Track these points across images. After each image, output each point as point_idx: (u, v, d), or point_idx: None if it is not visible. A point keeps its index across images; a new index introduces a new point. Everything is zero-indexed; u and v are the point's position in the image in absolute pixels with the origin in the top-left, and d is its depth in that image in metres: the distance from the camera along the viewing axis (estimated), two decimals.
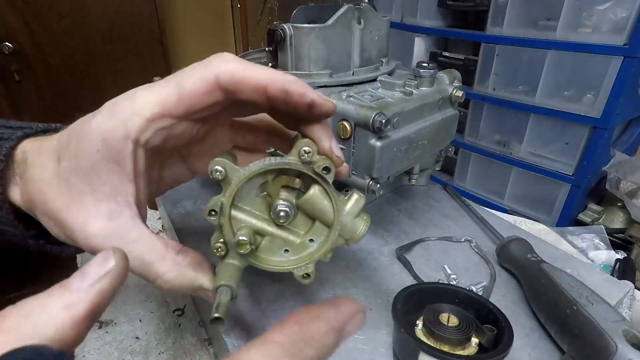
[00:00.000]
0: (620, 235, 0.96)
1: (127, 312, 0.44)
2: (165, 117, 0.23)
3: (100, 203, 0.23)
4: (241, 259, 0.26)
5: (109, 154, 0.22)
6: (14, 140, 0.25)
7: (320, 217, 0.27)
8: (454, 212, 0.55)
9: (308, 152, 0.24)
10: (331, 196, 0.26)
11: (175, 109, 0.23)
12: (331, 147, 0.25)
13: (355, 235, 0.27)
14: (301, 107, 0.24)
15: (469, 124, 1.28)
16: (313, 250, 0.27)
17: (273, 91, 0.23)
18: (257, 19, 1.83)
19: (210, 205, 0.25)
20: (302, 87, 0.23)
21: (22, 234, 0.26)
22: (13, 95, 1.34)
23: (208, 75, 0.23)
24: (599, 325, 0.30)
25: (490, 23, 1.12)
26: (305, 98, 0.23)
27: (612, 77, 0.92)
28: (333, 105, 0.25)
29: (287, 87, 0.23)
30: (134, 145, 0.23)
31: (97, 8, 1.40)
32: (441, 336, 0.29)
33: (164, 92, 0.23)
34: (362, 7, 0.46)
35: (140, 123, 0.23)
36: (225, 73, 0.23)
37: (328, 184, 0.25)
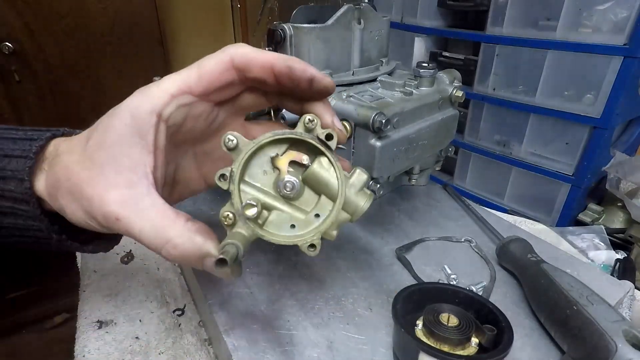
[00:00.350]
0: (620, 235, 0.96)
1: (127, 312, 0.44)
2: (186, 94, 0.26)
3: (120, 174, 0.25)
4: (248, 229, 0.26)
5: (135, 127, 0.25)
6: (43, 140, 0.27)
7: (325, 189, 0.28)
8: (454, 212, 0.55)
9: (312, 121, 0.26)
10: (334, 164, 0.27)
11: (195, 87, 0.26)
12: (333, 121, 0.28)
13: (358, 209, 0.28)
14: (303, 82, 0.26)
15: (469, 124, 1.28)
16: (319, 224, 0.28)
17: (279, 68, 0.26)
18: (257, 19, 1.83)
19: (222, 170, 0.26)
20: (303, 64, 0.26)
21: (47, 228, 0.27)
22: (13, 95, 1.34)
23: (224, 57, 0.26)
24: (599, 325, 0.30)
25: (490, 23, 1.12)
26: (307, 73, 0.26)
27: (612, 77, 0.92)
28: (332, 82, 0.28)
29: (291, 64, 0.26)
30: (157, 118, 0.25)
31: (97, 8, 1.40)
32: (441, 336, 0.29)
33: (186, 73, 0.26)
34: (362, 7, 0.46)
35: (165, 98, 0.25)
36: (238, 54, 0.26)
37: (331, 151, 0.27)
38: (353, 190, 0.27)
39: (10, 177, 0.26)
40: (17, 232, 0.28)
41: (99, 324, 0.42)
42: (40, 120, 1.41)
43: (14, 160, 0.26)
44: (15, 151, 0.27)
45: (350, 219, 0.28)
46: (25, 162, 0.26)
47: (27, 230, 0.28)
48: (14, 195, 0.26)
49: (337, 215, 0.27)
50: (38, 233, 0.28)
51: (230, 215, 0.26)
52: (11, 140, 0.27)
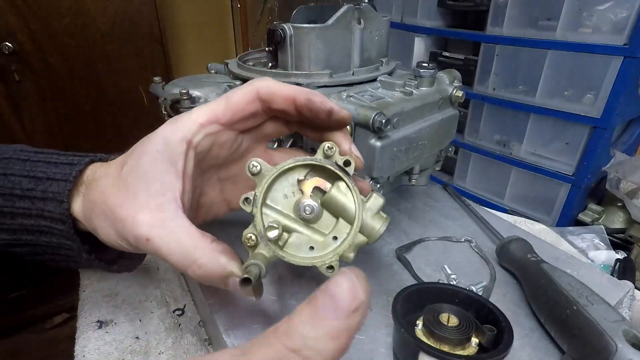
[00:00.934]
0: (620, 235, 0.96)
1: (127, 312, 0.44)
2: (214, 123, 0.28)
3: (151, 197, 0.26)
4: (269, 250, 0.28)
5: (167, 153, 0.27)
6: (82, 165, 0.29)
7: (343, 213, 0.29)
8: (454, 212, 0.55)
9: (330, 148, 0.28)
10: (352, 189, 0.28)
11: (222, 116, 0.28)
12: (350, 148, 0.30)
13: (375, 232, 0.29)
14: (322, 113, 0.29)
15: (469, 124, 1.28)
16: (336, 246, 0.29)
17: (300, 100, 0.28)
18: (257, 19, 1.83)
19: (246, 194, 0.28)
20: (322, 97, 0.29)
21: (78, 247, 0.29)
22: (13, 95, 1.34)
23: (251, 89, 0.28)
24: (599, 325, 0.30)
25: (490, 23, 1.12)
26: (325, 106, 0.28)
27: (612, 77, 0.92)
28: (349, 114, 0.30)
29: (311, 97, 0.28)
30: (187, 145, 0.27)
31: (97, 8, 1.40)
32: (441, 336, 0.29)
33: (215, 104, 0.29)
34: (362, 7, 0.46)
35: (194, 127, 0.28)
36: (263, 87, 0.28)
37: (349, 176, 0.28)
38: (369, 214, 0.29)
39: (51, 198, 0.28)
40: (49, 250, 0.30)
41: (99, 324, 0.42)
42: (40, 120, 1.41)
43: (55, 183, 0.29)
44: (56, 174, 0.29)
45: (367, 241, 0.29)
46: (65, 185, 0.28)
47: (59, 249, 0.30)
48: (52, 215, 0.28)
49: (354, 238, 0.28)
50: (69, 252, 0.30)
51: (252, 237, 0.27)
52: (53, 164, 0.30)
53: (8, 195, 0.29)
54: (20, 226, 0.29)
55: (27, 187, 0.29)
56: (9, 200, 0.29)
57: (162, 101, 0.48)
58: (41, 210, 0.28)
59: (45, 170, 0.29)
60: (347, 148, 0.30)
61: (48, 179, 0.29)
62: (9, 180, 0.29)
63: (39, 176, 0.29)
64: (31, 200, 0.28)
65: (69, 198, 0.28)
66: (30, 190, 0.28)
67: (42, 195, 0.28)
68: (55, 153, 0.31)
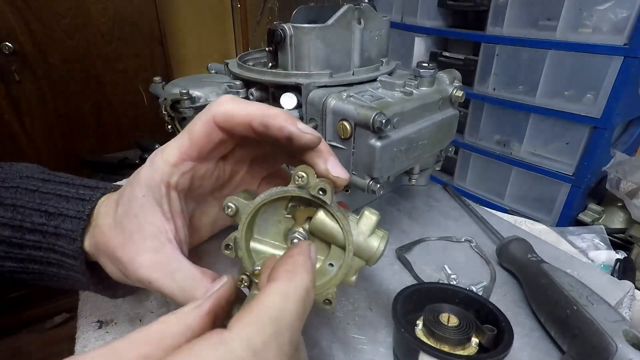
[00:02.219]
0: (620, 235, 0.96)
1: (127, 312, 0.44)
2: (185, 161, 0.27)
3: (146, 240, 0.26)
4: None
5: (151, 197, 0.26)
6: (94, 202, 0.29)
7: (332, 239, 0.27)
8: (454, 212, 0.55)
9: (301, 177, 0.25)
10: (336, 216, 0.26)
11: (190, 152, 0.27)
12: (327, 168, 0.27)
13: (374, 254, 0.26)
14: (281, 139, 0.26)
15: (469, 124, 1.28)
16: (333, 274, 0.27)
17: (255, 126, 0.25)
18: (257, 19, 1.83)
19: (226, 240, 0.27)
20: (281, 121, 0.25)
21: (87, 280, 0.30)
22: (13, 95, 1.34)
23: (208, 117, 0.26)
24: (599, 325, 0.30)
25: (490, 23, 1.12)
26: (284, 131, 0.25)
27: (613, 77, 0.92)
28: (313, 137, 0.26)
29: (266, 121, 0.25)
30: (166, 188, 0.27)
31: (97, 8, 1.41)
32: (441, 336, 0.29)
33: (181, 139, 0.27)
34: (362, 7, 0.46)
35: (167, 169, 0.27)
36: (219, 113, 0.26)
37: (327, 204, 0.26)
38: (362, 237, 0.26)
39: (63, 234, 0.28)
40: (56, 279, 0.30)
41: (99, 323, 0.42)
42: (40, 120, 1.41)
43: (68, 219, 0.28)
44: (69, 211, 0.29)
45: (367, 263, 0.27)
46: (79, 223, 0.28)
47: (67, 279, 0.30)
48: (64, 251, 0.28)
49: (350, 264, 0.26)
50: (77, 282, 0.30)
51: (245, 279, 0.27)
52: (64, 198, 0.29)
53: (17, 227, 0.29)
54: (28, 256, 0.29)
55: (39, 222, 0.28)
56: (18, 232, 0.29)
57: (162, 101, 0.48)
58: (53, 244, 0.28)
59: (57, 206, 0.29)
60: (323, 168, 0.27)
61: (60, 215, 0.29)
62: (18, 212, 0.29)
63: (50, 211, 0.29)
64: (42, 234, 0.28)
65: (82, 236, 0.28)
66: (42, 225, 0.28)
67: (55, 231, 0.28)
68: (64, 182, 0.31)
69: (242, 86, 0.50)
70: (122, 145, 1.38)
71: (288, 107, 0.45)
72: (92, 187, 0.31)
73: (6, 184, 0.30)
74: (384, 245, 0.27)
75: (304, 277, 0.20)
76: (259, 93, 0.49)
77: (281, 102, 0.45)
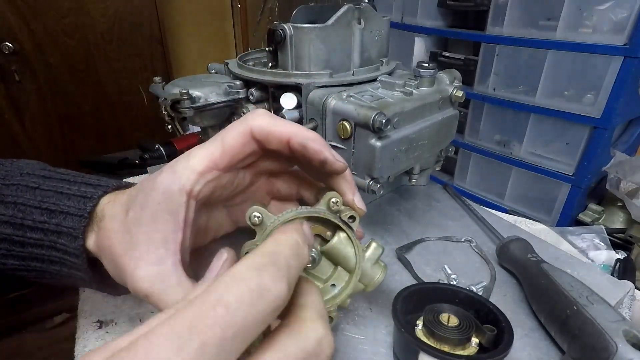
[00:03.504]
0: (620, 235, 0.96)
1: (127, 312, 0.44)
2: (213, 170, 0.27)
3: (151, 250, 0.26)
4: None
5: (167, 205, 0.26)
6: (96, 199, 0.29)
7: (343, 262, 0.29)
8: (454, 212, 0.55)
9: (336, 202, 0.27)
10: (354, 242, 0.29)
11: (220, 162, 0.27)
12: (354, 199, 0.29)
13: (374, 282, 0.30)
14: (315, 162, 0.27)
15: (469, 124, 1.28)
16: (335, 294, 0.29)
17: (294, 144, 0.27)
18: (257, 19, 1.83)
19: (246, 248, 0.27)
20: (319, 145, 0.27)
21: (89, 278, 0.29)
22: (13, 95, 1.34)
23: (245, 128, 0.27)
24: (599, 326, 0.30)
25: (490, 23, 1.12)
26: (320, 155, 0.27)
27: (613, 77, 0.92)
28: (343, 166, 0.28)
29: (306, 143, 0.27)
30: (187, 196, 0.26)
31: (97, 8, 1.40)
32: (441, 336, 0.29)
33: (211, 148, 0.27)
34: (362, 7, 0.46)
35: (193, 177, 0.26)
36: (257, 126, 0.27)
37: (352, 231, 0.28)
38: (369, 263, 0.29)
39: (65, 232, 0.28)
40: (58, 276, 0.30)
41: (99, 324, 0.42)
42: (40, 120, 1.41)
43: (69, 217, 0.28)
44: (70, 208, 0.28)
45: (364, 289, 0.30)
46: (80, 220, 0.28)
47: (69, 277, 0.30)
48: (66, 249, 0.28)
49: (354, 288, 0.29)
50: (80, 280, 0.30)
51: None
52: (65, 195, 0.29)
53: (19, 225, 0.29)
54: (30, 254, 0.29)
55: (40, 220, 0.28)
56: (19, 230, 0.28)
57: (162, 101, 0.48)
58: (54, 242, 0.28)
59: (58, 203, 0.29)
60: (350, 198, 0.29)
61: (61, 213, 0.28)
62: (19, 210, 0.29)
63: (51, 209, 0.29)
64: (44, 232, 0.28)
65: (84, 234, 0.28)
66: (43, 222, 0.28)
67: (56, 229, 0.28)
68: (65, 180, 0.31)
69: (242, 86, 0.50)
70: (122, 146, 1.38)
71: (288, 107, 0.45)
72: (94, 184, 0.31)
73: (7, 182, 0.30)
74: (383, 275, 0.30)
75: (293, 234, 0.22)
76: (259, 93, 0.49)
77: (281, 102, 0.45)
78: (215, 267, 0.23)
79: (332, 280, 0.30)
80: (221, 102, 0.50)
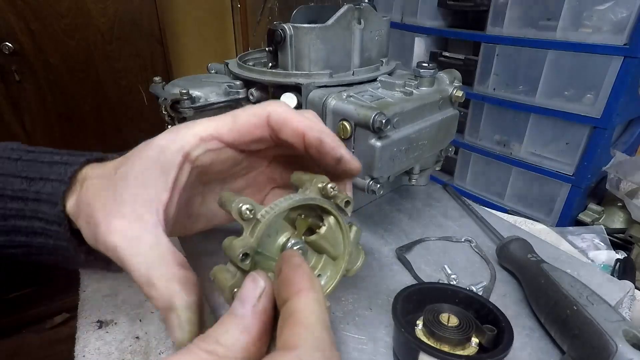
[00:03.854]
0: (620, 235, 0.96)
1: (127, 312, 0.44)
2: (215, 140, 0.27)
3: (133, 206, 0.25)
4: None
5: (160, 163, 0.25)
6: (78, 165, 0.28)
7: (332, 249, 0.28)
8: (454, 212, 0.55)
9: (334, 187, 0.26)
10: (343, 228, 0.28)
11: (227, 135, 0.27)
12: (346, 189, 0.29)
13: (357, 266, 0.29)
14: (331, 159, 0.27)
15: (469, 124, 1.28)
16: (322, 284, 0.28)
17: (310, 138, 0.26)
18: (257, 19, 1.83)
19: (241, 249, 0.23)
20: (335, 142, 0.27)
21: (74, 248, 0.28)
22: (13, 95, 1.34)
23: (261, 112, 0.27)
24: (599, 326, 0.30)
25: (490, 23, 1.12)
26: (336, 152, 0.27)
27: (613, 77, 0.92)
28: (359, 166, 0.28)
29: (323, 138, 0.26)
30: (183, 158, 0.26)
31: (97, 8, 1.40)
32: (441, 336, 0.29)
33: (220, 120, 0.27)
34: (362, 7, 0.46)
35: (194, 140, 0.26)
36: (276, 112, 0.27)
37: (346, 216, 0.27)
38: (353, 248, 0.29)
39: (45, 200, 0.27)
40: (45, 251, 0.29)
41: (99, 324, 0.42)
42: (40, 120, 1.41)
43: (49, 183, 0.27)
44: (50, 175, 0.27)
45: (346, 274, 0.29)
46: (59, 185, 0.27)
47: (56, 250, 0.29)
48: (46, 217, 0.27)
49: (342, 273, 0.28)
50: (66, 253, 0.29)
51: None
52: (47, 164, 0.28)
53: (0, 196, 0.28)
54: (13, 227, 0.28)
55: (20, 188, 0.27)
56: (0, 202, 0.28)
57: (162, 101, 0.48)
58: (35, 211, 0.27)
59: (39, 170, 0.28)
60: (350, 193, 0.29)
61: (41, 179, 0.27)
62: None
63: (31, 176, 0.28)
64: (24, 202, 0.27)
65: (63, 200, 0.27)
66: (23, 190, 0.27)
67: (36, 196, 0.27)
68: (49, 152, 0.30)
69: (242, 86, 0.50)
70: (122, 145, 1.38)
71: None
72: (78, 155, 0.29)
73: None
74: (362, 262, 0.30)
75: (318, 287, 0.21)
76: (259, 93, 0.49)
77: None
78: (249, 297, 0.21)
79: (318, 271, 0.28)
80: (221, 102, 0.50)
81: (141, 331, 0.42)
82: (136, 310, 0.44)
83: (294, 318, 0.19)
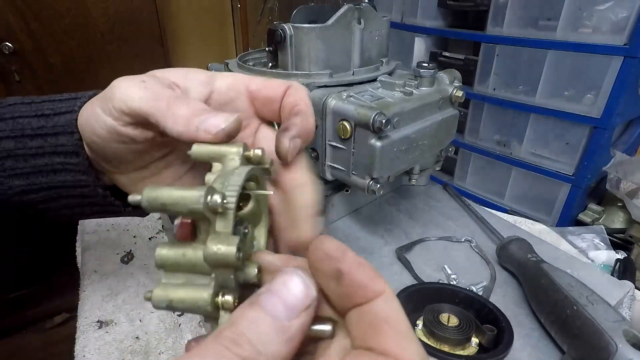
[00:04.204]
0: (620, 235, 0.96)
1: (127, 312, 0.44)
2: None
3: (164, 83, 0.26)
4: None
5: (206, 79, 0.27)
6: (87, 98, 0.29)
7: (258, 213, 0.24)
8: (454, 212, 0.55)
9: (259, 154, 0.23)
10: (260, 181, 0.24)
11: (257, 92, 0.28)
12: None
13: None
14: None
15: (469, 124, 1.28)
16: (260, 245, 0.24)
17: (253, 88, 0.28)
18: (257, 19, 1.83)
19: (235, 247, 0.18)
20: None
21: (93, 181, 0.29)
22: (13, 95, 1.34)
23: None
24: (599, 326, 0.30)
25: (490, 23, 1.12)
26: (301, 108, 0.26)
27: (613, 77, 0.92)
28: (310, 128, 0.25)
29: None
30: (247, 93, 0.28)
31: (97, 8, 1.40)
32: (441, 336, 0.29)
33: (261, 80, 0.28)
34: (362, 7, 0.46)
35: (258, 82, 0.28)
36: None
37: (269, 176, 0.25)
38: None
39: (61, 132, 0.28)
40: (65, 192, 0.30)
41: (99, 324, 0.42)
42: None
43: (62, 116, 0.29)
44: (62, 108, 0.29)
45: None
46: (72, 116, 0.28)
47: (74, 189, 0.30)
48: (65, 150, 0.28)
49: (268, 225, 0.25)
50: (85, 190, 0.30)
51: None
52: (59, 101, 0.30)
53: (20, 137, 0.29)
54: (34, 168, 0.29)
55: (38, 126, 0.29)
56: (20, 142, 0.29)
57: None
58: (54, 145, 0.28)
59: (52, 107, 0.29)
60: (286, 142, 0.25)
61: (56, 115, 0.29)
62: (17, 123, 0.29)
63: (46, 113, 0.29)
64: (43, 138, 0.29)
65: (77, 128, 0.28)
66: (41, 127, 0.29)
67: (53, 130, 0.28)
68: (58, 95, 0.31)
69: None
70: None
71: None
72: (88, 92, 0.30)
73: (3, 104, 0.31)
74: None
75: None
76: None
77: None
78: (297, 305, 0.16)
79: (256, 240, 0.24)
80: None
81: (141, 331, 0.42)
82: (136, 310, 0.44)
83: (390, 326, 0.16)
